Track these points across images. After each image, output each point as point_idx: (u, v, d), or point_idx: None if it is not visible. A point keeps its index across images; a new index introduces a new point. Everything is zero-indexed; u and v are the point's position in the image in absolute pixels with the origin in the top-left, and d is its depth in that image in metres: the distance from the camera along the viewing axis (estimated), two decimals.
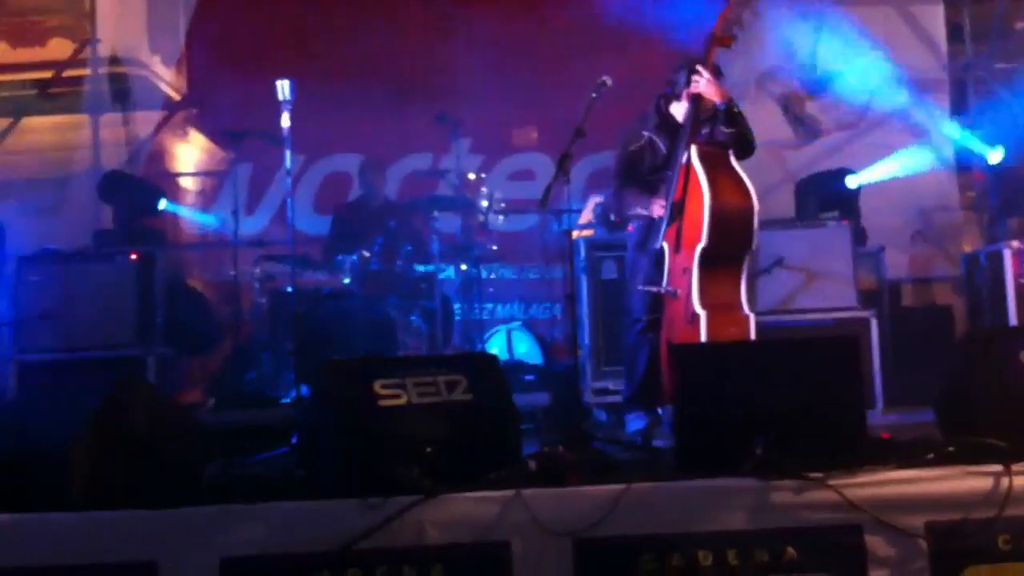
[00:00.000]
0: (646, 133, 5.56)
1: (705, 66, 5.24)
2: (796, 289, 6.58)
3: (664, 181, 5.40)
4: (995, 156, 8.07)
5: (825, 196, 7.55)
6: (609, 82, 5.25)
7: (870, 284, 7.18)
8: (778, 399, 4.04)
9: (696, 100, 5.29)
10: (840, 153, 8.32)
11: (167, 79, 8.89)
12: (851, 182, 7.69)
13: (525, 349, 7.55)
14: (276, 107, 5.63)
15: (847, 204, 7.46)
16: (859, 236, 7.12)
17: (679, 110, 5.51)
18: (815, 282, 6.57)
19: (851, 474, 3.87)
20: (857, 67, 8.58)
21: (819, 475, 3.84)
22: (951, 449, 4.01)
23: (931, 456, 3.98)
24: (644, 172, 5.53)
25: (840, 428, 4.05)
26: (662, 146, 5.49)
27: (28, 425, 4.06)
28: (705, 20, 5.32)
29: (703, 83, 5.23)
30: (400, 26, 8.72)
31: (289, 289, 6.67)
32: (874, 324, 6.48)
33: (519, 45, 8.51)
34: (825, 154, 8.36)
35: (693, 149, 5.21)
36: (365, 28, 8.50)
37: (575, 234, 6.56)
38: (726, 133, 5.25)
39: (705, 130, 5.35)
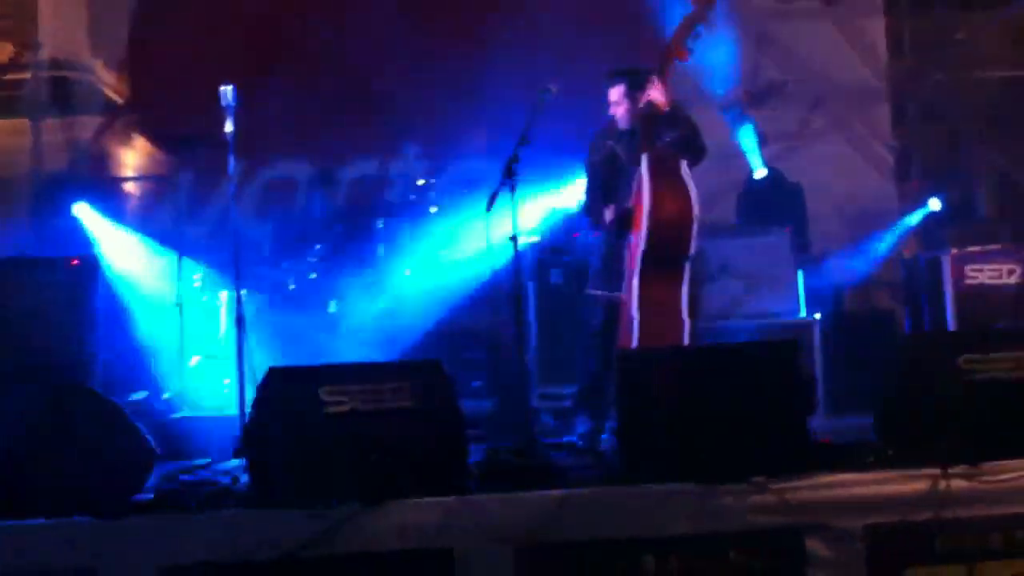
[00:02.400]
0: (609, 143, 5.61)
1: (661, 76, 5.28)
2: (740, 295, 6.65)
3: (624, 189, 5.43)
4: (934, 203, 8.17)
5: (768, 204, 7.63)
6: (554, 89, 5.27)
7: (812, 290, 7.27)
8: (721, 404, 4.08)
9: (645, 108, 5.32)
10: (782, 161, 8.40)
11: (110, 83, 8.78)
12: (791, 187, 7.78)
13: (472, 355, 7.53)
14: (220, 112, 5.58)
15: (790, 212, 7.54)
16: (801, 242, 7.21)
17: (618, 118, 5.55)
18: (758, 288, 6.65)
19: (792, 478, 3.92)
20: (799, 78, 8.68)
21: (761, 479, 3.88)
22: (890, 453, 4.07)
23: (871, 460, 4.03)
24: (609, 181, 5.56)
25: (782, 433, 4.10)
26: (621, 154, 5.54)
27: None
28: (649, 32, 5.36)
29: (654, 92, 5.27)
30: (347, 31, 8.67)
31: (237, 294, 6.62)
32: (816, 329, 6.56)
33: (468, 52, 8.50)
34: (768, 163, 8.44)
35: (644, 157, 5.23)
36: (311, 34, 8.45)
37: (522, 239, 6.56)
38: (673, 138, 5.28)
39: (667, 138, 5.35)
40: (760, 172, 8.13)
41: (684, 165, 5.27)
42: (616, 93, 5.53)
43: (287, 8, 8.58)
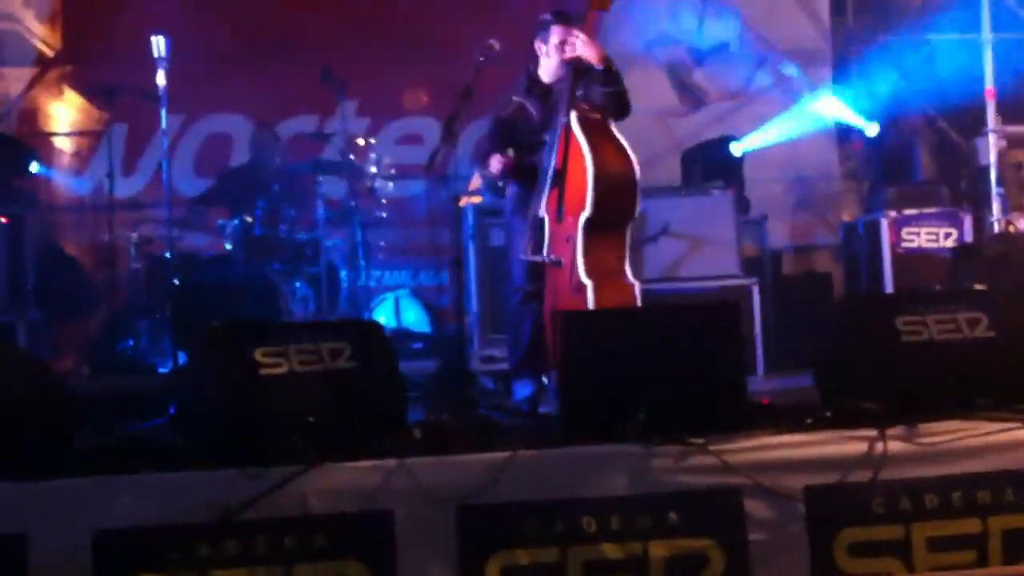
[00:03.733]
0: (516, 98, 5.49)
1: (583, 27, 5.17)
2: (681, 257, 6.65)
3: (533, 146, 5.33)
4: (872, 129, 8.26)
5: (710, 165, 7.64)
6: (497, 46, 5.19)
7: (752, 252, 7.31)
8: (661, 365, 4.07)
9: (574, 63, 5.19)
10: (725, 122, 8.41)
11: (40, 34, 8.54)
12: (735, 150, 7.79)
13: (413, 317, 7.49)
14: (152, 64, 5.44)
15: (731, 173, 7.55)
16: (742, 205, 7.22)
17: (546, 71, 5.44)
18: (699, 250, 6.66)
19: (731, 439, 3.92)
20: (742, 37, 8.68)
21: (700, 440, 3.88)
22: (828, 414, 4.09)
23: (809, 421, 4.05)
24: (517, 137, 5.43)
25: (721, 394, 4.10)
26: (533, 110, 5.42)
27: None
28: None
29: (579, 44, 5.14)
30: None
31: (167, 255, 6.51)
32: (756, 291, 6.59)
33: (409, 5, 8.38)
34: (710, 123, 8.45)
35: (573, 115, 5.07)
36: None
37: (463, 200, 6.50)
38: (604, 94, 5.13)
39: (579, 92, 5.18)
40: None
41: (613, 124, 5.18)
42: (555, 39, 5.33)
43: None
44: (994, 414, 4.02)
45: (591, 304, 4.95)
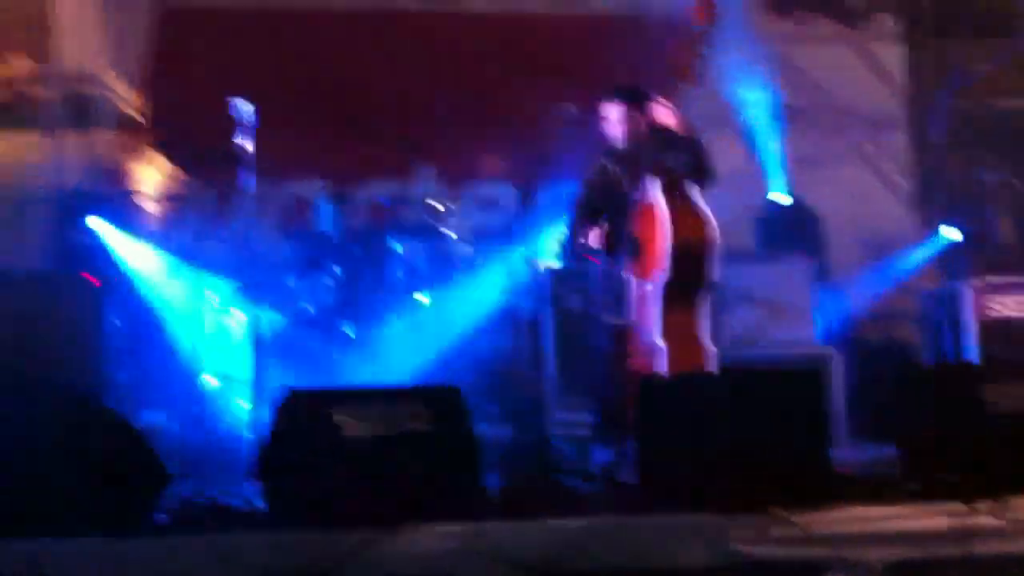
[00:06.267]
0: (600, 162, 5.56)
1: (668, 98, 5.24)
2: (759, 324, 6.60)
3: (620, 211, 5.37)
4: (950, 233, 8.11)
5: (787, 230, 7.59)
6: (574, 111, 5.24)
7: (831, 320, 7.22)
8: (742, 433, 4.04)
9: (656, 130, 5.27)
10: (802, 188, 8.37)
11: (127, 99, 8.79)
12: (809, 214, 7.76)
13: (489, 380, 7.49)
14: (237, 129, 5.57)
15: (809, 239, 7.50)
16: (821, 271, 7.16)
17: (615, 137, 5.48)
18: (777, 317, 6.60)
19: (813, 510, 3.86)
20: (818, 102, 8.66)
21: (781, 510, 3.83)
22: (913, 487, 4.01)
23: (894, 493, 3.98)
24: (601, 201, 5.50)
25: (804, 463, 4.05)
26: (616, 174, 5.47)
27: None
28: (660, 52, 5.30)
29: (662, 112, 5.21)
30: (364, 50, 8.69)
31: (247, 315, 6.60)
32: (836, 359, 6.50)
33: (484, 71, 8.51)
34: (782, 189, 8.41)
35: (654, 182, 5.16)
36: (329, 51, 8.47)
37: (540, 264, 6.54)
38: (684, 161, 5.21)
39: (660, 157, 5.25)
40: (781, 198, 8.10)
41: (695, 190, 5.22)
42: (615, 111, 5.44)
43: (304, 27, 8.62)
44: None
45: (667, 368, 4.95)
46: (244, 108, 5.66)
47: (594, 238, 5.39)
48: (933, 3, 8.98)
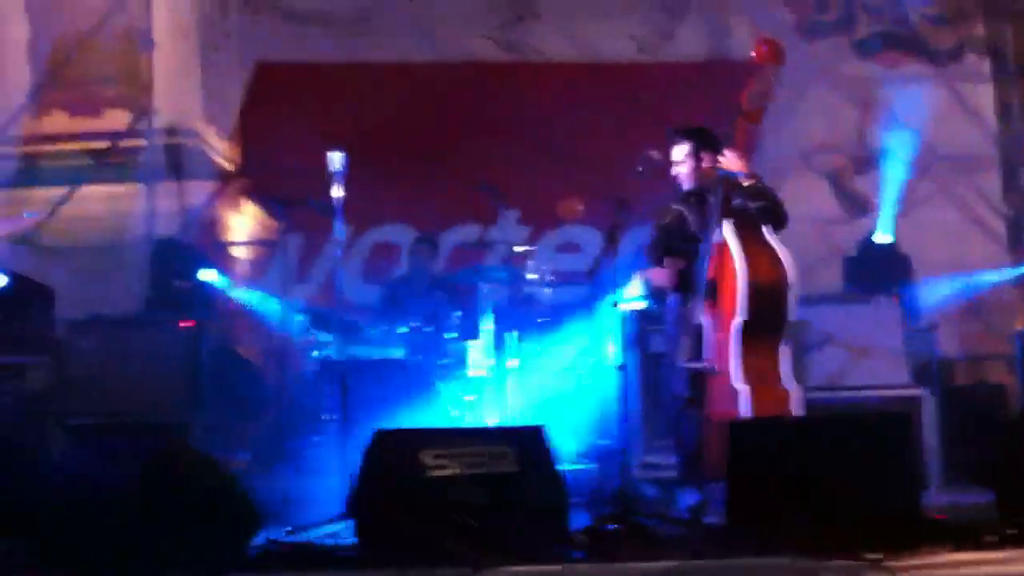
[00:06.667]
0: (675, 206, 5.57)
1: (734, 142, 5.24)
2: (846, 365, 6.51)
3: (693, 253, 5.37)
4: None
5: (875, 271, 7.50)
6: (656, 155, 5.27)
7: (921, 361, 7.09)
8: (831, 476, 3.98)
9: (724, 176, 5.26)
10: (889, 229, 8.27)
11: (221, 150, 9.03)
12: (898, 255, 7.66)
13: (575, 421, 7.48)
14: (327, 178, 5.71)
15: (897, 279, 7.40)
16: (911, 311, 7.05)
17: (683, 180, 5.51)
18: (865, 358, 6.50)
19: (908, 555, 3.79)
20: (905, 143, 8.57)
21: (875, 556, 3.76)
22: (1011, 531, 3.92)
23: (990, 538, 3.89)
24: (677, 245, 5.49)
25: (895, 507, 3.99)
26: (691, 218, 5.48)
27: (75, 489, 4.08)
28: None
29: (729, 158, 5.23)
30: (449, 99, 8.85)
31: (336, 358, 6.70)
32: (927, 401, 6.38)
33: (565, 117, 8.60)
34: (874, 229, 8.32)
35: (726, 223, 5.15)
36: (414, 100, 8.64)
37: (623, 307, 6.54)
38: (755, 207, 5.21)
39: (737, 202, 5.26)
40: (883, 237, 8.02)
41: (768, 229, 5.21)
42: (680, 152, 5.48)
43: (391, 77, 8.81)
44: None
45: (748, 410, 4.90)
46: (334, 157, 5.79)
47: (669, 280, 5.39)
48: (1019, 41, 8.85)
